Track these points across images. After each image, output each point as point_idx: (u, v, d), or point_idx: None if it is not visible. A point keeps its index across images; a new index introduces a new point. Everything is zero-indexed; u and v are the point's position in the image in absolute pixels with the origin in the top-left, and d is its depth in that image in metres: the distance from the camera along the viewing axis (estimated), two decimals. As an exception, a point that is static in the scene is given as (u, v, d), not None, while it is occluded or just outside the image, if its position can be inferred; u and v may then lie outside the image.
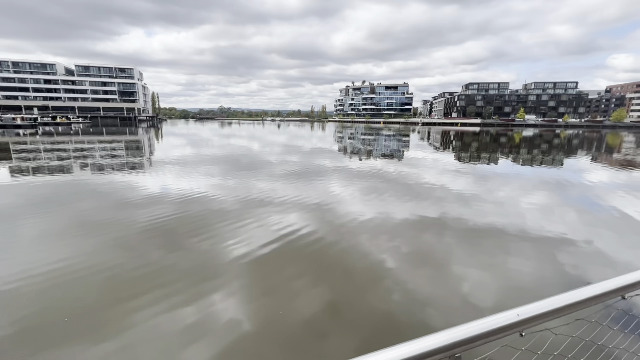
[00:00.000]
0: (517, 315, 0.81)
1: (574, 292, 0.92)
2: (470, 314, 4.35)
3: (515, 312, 0.82)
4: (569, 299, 0.90)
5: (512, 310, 0.84)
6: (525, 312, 0.83)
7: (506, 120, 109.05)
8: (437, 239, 6.91)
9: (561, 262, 5.87)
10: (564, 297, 0.89)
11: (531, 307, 0.85)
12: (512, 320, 0.81)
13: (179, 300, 4.49)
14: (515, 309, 0.84)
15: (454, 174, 14.74)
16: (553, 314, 0.86)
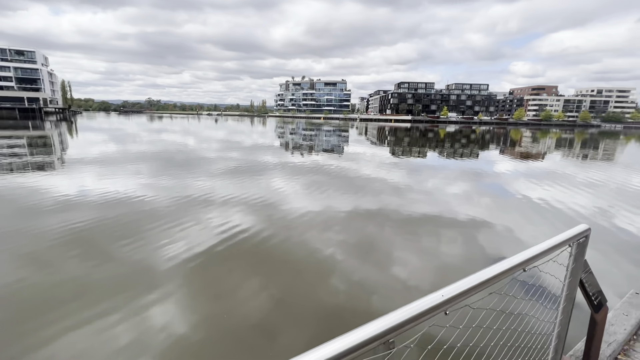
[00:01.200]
0: (442, 296, 0.89)
1: (487, 270, 1.04)
2: (410, 295, 4.78)
3: (440, 294, 0.89)
4: (484, 276, 1.01)
5: (437, 292, 0.91)
6: (448, 292, 0.90)
7: (433, 117, 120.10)
8: (378, 229, 7.37)
9: (480, 241, 6.76)
10: (479, 275, 1.01)
11: (453, 287, 0.93)
12: (438, 301, 0.87)
13: (110, 320, 4.05)
14: (440, 290, 0.91)
15: (390, 167, 15.80)
16: (471, 291, 0.95)
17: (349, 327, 0.71)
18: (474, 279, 0.98)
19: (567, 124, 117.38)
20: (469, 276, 1.00)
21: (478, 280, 0.98)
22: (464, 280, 0.96)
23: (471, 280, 0.97)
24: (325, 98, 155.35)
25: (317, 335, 3.92)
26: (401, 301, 3.62)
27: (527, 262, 1.09)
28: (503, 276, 1.03)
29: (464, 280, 0.96)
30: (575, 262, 1.29)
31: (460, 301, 0.93)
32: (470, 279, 0.97)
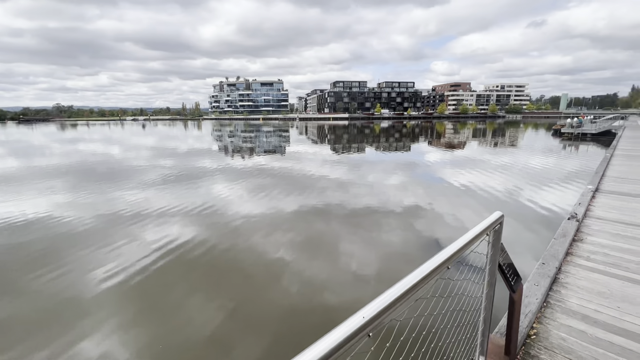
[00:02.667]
0: (363, 317, 0.76)
1: (409, 277, 0.94)
2: (360, 285, 4.99)
3: (361, 315, 0.77)
4: (407, 285, 0.91)
5: (357, 314, 0.78)
6: (369, 312, 0.78)
7: (368, 114, 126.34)
8: (325, 225, 7.53)
9: (418, 226, 7.35)
10: (401, 285, 0.91)
11: (374, 305, 0.81)
12: (360, 323, 0.75)
13: None
14: (360, 312, 0.79)
15: (332, 164, 16.22)
16: (395, 304, 0.84)
17: (306, 326, 0.72)
18: (396, 290, 0.88)
19: (480, 115, 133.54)
20: (390, 288, 0.89)
21: (401, 290, 0.88)
22: (385, 294, 0.86)
23: (393, 292, 0.87)
24: (262, 99, 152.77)
25: (276, 339, 3.87)
26: (352, 292, 3.74)
27: (450, 258, 1.10)
28: (428, 278, 0.99)
29: (385, 295, 0.85)
30: (493, 248, 1.48)
31: (384, 318, 0.82)
32: (392, 291, 0.87)
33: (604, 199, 5.62)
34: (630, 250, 3.55)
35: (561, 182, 11.57)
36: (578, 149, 22.68)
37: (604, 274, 3.08)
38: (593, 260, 3.35)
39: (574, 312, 2.51)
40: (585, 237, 3.94)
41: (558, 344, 2.16)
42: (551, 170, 14.10)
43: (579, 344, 2.17)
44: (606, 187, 6.48)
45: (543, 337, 2.23)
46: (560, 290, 2.81)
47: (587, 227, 4.27)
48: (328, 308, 4.40)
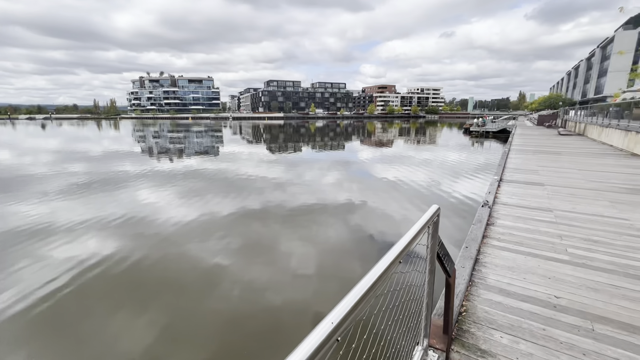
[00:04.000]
0: (332, 323, 0.74)
1: (369, 275, 0.95)
2: (303, 284, 5.00)
3: (329, 321, 0.75)
4: (368, 283, 0.91)
5: (325, 321, 0.75)
6: (337, 317, 0.76)
7: (303, 113, 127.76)
8: (264, 227, 7.38)
9: (355, 221, 7.68)
10: (363, 284, 0.91)
11: (341, 309, 0.79)
12: (329, 331, 0.72)
13: None
14: (328, 317, 0.76)
15: (269, 164, 15.98)
16: (360, 304, 0.84)
17: (250, 332, 0.68)
18: (358, 290, 0.88)
19: (404, 116, 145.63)
20: (352, 290, 0.89)
21: (362, 290, 0.89)
22: (349, 296, 0.85)
23: (356, 294, 0.86)
24: (191, 96, 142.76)
25: (218, 350, 3.66)
26: (293, 291, 3.72)
27: (401, 253, 1.17)
28: (385, 275, 1.02)
29: (349, 296, 0.84)
30: (432, 239, 1.62)
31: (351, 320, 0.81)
32: (354, 292, 0.87)
33: (506, 187, 6.63)
34: (527, 229, 4.25)
35: (474, 173, 13.29)
36: (483, 144, 26.33)
37: (511, 251, 3.63)
38: (503, 240, 3.93)
39: (493, 287, 2.90)
40: (496, 221, 4.58)
41: (483, 317, 2.47)
42: (465, 163, 16.10)
43: (498, 313, 2.51)
44: (507, 177, 7.64)
45: (471, 312, 2.53)
46: (481, 269, 3.22)
47: (496, 212, 4.98)
48: (272, 310, 4.33)
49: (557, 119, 31.76)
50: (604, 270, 3.15)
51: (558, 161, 9.94)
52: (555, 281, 2.97)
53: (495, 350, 2.10)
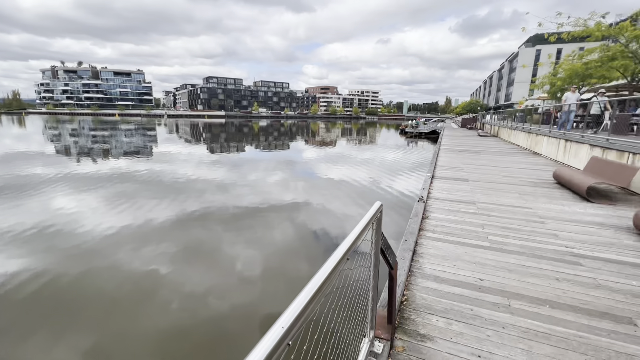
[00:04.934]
0: (282, 327, 0.72)
1: (318, 275, 0.94)
2: (247, 287, 4.86)
3: (280, 326, 0.73)
4: (317, 283, 0.90)
5: (275, 326, 0.73)
6: (287, 320, 0.74)
7: (246, 112, 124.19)
8: (206, 230, 6.99)
9: (300, 220, 7.72)
10: (312, 284, 0.90)
11: (291, 312, 0.77)
12: (280, 335, 0.70)
13: None
14: (278, 322, 0.74)
15: (211, 165, 15.19)
16: (310, 305, 0.83)
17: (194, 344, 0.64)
18: (308, 291, 0.87)
19: (346, 116, 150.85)
20: (305, 287, 0.88)
21: (312, 291, 0.88)
22: (299, 298, 0.83)
23: (305, 295, 0.85)
24: (118, 91, 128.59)
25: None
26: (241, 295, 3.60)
27: (348, 250, 1.20)
28: (333, 274, 1.03)
29: (299, 299, 0.83)
30: (376, 235, 1.70)
31: (302, 322, 0.80)
32: (304, 295, 0.85)
33: (438, 183, 7.28)
34: (455, 221, 4.73)
35: (411, 171, 14.34)
36: (417, 144, 28.58)
37: (443, 241, 4.00)
38: (436, 232, 4.30)
39: (429, 275, 3.16)
40: (430, 215, 5.01)
41: (421, 303, 2.68)
42: (403, 162, 17.28)
43: (434, 299, 2.75)
44: (438, 174, 8.40)
45: (411, 300, 2.72)
46: (419, 259, 3.49)
47: (430, 207, 5.44)
48: (218, 318, 4.13)
49: (477, 122, 35.93)
50: (516, 253, 3.65)
51: (478, 159, 11.24)
52: (479, 265, 3.35)
53: (432, 334, 2.29)
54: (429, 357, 2.06)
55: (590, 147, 8.58)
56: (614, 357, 2.08)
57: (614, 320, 2.46)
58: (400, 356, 2.06)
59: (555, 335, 2.29)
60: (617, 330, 2.34)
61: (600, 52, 14.12)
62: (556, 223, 4.65)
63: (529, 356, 2.08)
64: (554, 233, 4.26)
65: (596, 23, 12.24)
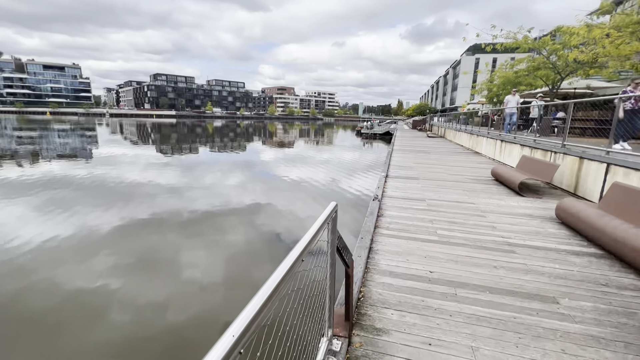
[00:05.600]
0: (233, 336, 0.69)
1: (272, 279, 0.92)
2: (206, 294, 4.65)
3: (230, 334, 0.70)
4: (270, 287, 0.88)
5: (225, 335, 0.70)
6: (238, 328, 0.71)
7: (199, 112, 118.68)
8: (159, 238, 6.56)
9: (260, 222, 7.58)
10: (265, 289, 0.88)
11: (242, 319, 0.74)
12: (230, 344, 0.67)
13: None
14: (229, 330, 0.71)
15: (161, 168, 14.26)
16: (262, 310, 0.81)
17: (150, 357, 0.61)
18: (259, 298, 0.84)
19: (304, 117, 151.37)
20: (258, 293, 0.86)
21: (264, 296, 0.86)
22: (249, 306, 0.81)
23: (257, 302, 0.82)
24: (49, 86, 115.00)
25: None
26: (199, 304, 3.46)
27: (303, 252, 1.19)
28: (288, 276, 1.02)
29: (249, 306, 0.80)
30: (332, 234, 1.73)
31: (254, 330, 0.78)
32: (255, 301, 0.83)
33: (391, 182, 7.62)
34: (408, 217, 5.00)
35: (367, 170, 14.81)
36: (372, 145, 29.64)
37: (397, 237, 4.20)
38: (390, 229, 4.50)
39: (384, 271, 3.29)
40: (384, 212, 5.22)
41: (377, 299, 2.79)
42: (359, 162, 17.79)
43: (389, 293, 2.87)
44: (392, 173, 8.80)
45: (368, 296, 2.82)
46: (374, 256, 3.62)
47: (385, 205, 5.67)
48: (175, 329, 3.89)
49: (426, 124, 38.27)
50: (461, 245, 3.95)
51: (428, 159, 11.98)
52: (429, 259, 3.57)
53: (387, 327, 2.39)
54: (384, 350, 2.15)
55: (521, 147, 9.60)
56: (542, 333, 2.35)
57: (542, 300, 2.78)
58: (357, 352, 2.12)
59: (494, 318, 2.52)
60: (544, 309, 2.65)
61: (527, 62, 15.90)
62: (494, 216, 5.13)
63: (472, 339, 2.27)
64: (493, 225, 4.69)
65: (524, 36, 13.74)
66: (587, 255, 3.72)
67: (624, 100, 6.65)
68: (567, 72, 13.78)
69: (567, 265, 3.45)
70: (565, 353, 2.15)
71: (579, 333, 2.36)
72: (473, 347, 2.19)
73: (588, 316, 2.56)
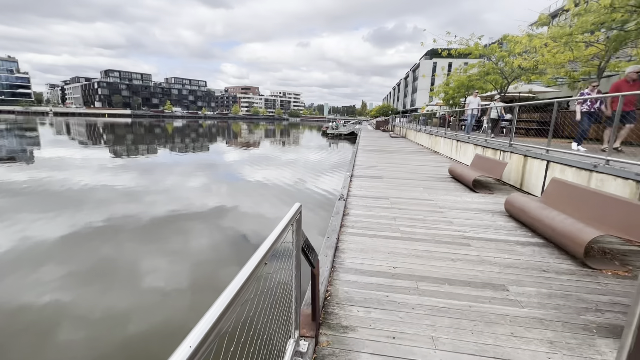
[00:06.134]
0: (190, 347, 0.66)
1: (232, 285, 0.88)
2: (171, 302, 4.43)
3: (187, 345, 0.67)
4: (231, 294, 0.85)
5: (182, 347, 0.67)
6: (196, 338, 0.69)
7: (157, 111, 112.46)
8: (114, 245, 6.12)
9: (226, 225, 7.37)
10: (225, 296, 0.85)
11: (200, 328, 0.71)
12: (187, 356, 0.64)
13: None
14: (185, 341, 0.68)
15: (116, 171, 13.31)
16: (222, 318, 0.77)
17: None
18: (220, 305, 0.81)
19: (269, 118, 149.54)
20: (217, 300, 0.83)
21: (225, 303, 0.83)
22: (208, 314, 0.78)
23: (218, 308, 0.80)
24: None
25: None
26: (163, 313, 3.30)
27: (266, 255, 1.16)
28: (250, 281, 0.99)
29: (208, 315, 0.77)
30: (296, 236, 1.73)
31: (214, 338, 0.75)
32: (215, 308, 0.80)
33: (356, 181, 7.79)
34: (371, 215, 5.14)
35: (334, 170, 14.98)
36: (338, 145, 30.07)
37: (362, 235, 4.30)
38: (355, 227, 4.61)
39: (350, 269, 3.36)
40: (350, 211, 5.33)
41: (343, 297, 2.84)
42: (326, 162, 17.95)
43: (355, 291, 2.94)
44: (357, 172, 8.99)
45: (334, 295, 2.86)
46: (340, 255, 3.68)
47: (350, 204, 5.79)
48: (136, 342, 3.66)
49: (389, 124, 39.59)
50: (422, 240, 4.15)
51: (391, 158, 12.41)
52: (393, 255, 3.70)
53: (354, 324, 2.44)
54: (351, 347, 2.20)
55: (474, 146, 10.28)
56: (494, 319, 2.54)
57: (493, 288, 3.01)
58: (324, 351, 2.15)
59: (452, 308, 2.68)
60: (495, 296, 2.87)
61: (479, 67, 17.09)
62: (452, 212, 5.44)
63: (433, 330, 2.39)
64: (450, 220, 4.98)
65: (475, 43, 14.74)
66: (531, 245, 4.08)
67: (582, 102, 7.01)
68: (513, 77, 15.00)
69: (514, 255, 3.77)
70: (514, 336, 2.35)
71: (525, 317, 2.58)
72: (433, 337, 2.31)
73: (533, 300, 2.82)
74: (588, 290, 3.03)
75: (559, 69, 12.37)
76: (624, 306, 2.76)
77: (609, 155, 5.06)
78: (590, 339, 2.34)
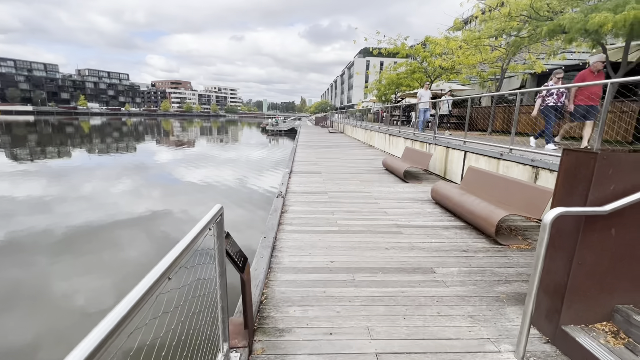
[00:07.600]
0: None
1: (122, 305, 0.79)
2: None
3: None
4: (121, 313, 0.76)
5: None
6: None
7: (68, 108, 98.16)
8: (22, 265, 5.11)
9: (158, 233, 6.70)
10: (114, 315, 0.75)
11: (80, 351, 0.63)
12: None
13: None
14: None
15: (17, 177, 11.20)
16: (105, 343, 0.68)
17: None
18: (108, 323, 0.72)
19: (204, 114, 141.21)
20: (99, 324, 0.72)
21: (114, 322, 0.73)
22: (92, 334, 0.69)
23: (103, 329, 0.70)
24: None
25: None
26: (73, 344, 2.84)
27: (169, 268, 1.00)
28: (148, 296, 0.86)
29: (91, 336, 0.68)
30: (218, 240, 1.58)
31: None
32: (100, 329, 0.70)
33: (295, 177, 7.74)
34: (311, 211, 5.14)
35: (272, 168, 14.71)
36: (278, 141, 29.73)
37: (300, 232, 4.26)
38: (294, 224, 4.54)
39: (287, 268, 3.28)
40: (288, 208, 5.24)
41: (280, 298, 2.75)
42: (266, 159, 17.55)
43: (292, 290, 2.87)
44: (296, 168, 8.94)
45: (270, 297, 2.75)
46: (278, 254, 3.58)
47: (288, 201, 5.70)
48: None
49: (328, 120, 40.41)
50: (359, 232, 4.26)
51: (329, 153, 12.64)
52: (330, 249, 3.72)
53: (290, 325, 2.37)
54: (287, 350, 2.12)
55: (405, 140, 11.01)
56: (423, 301, 2.70)
57: (422, 272, 3.21)
58: (259, 359, 2.03)
59: (386, 296, 2.78)
60: (424, 280, 3.06)
61: (406, 66, 18.34)
62: (386, 202, 5.72)
63: (368, 320, 2.44)
64: (385, 210, 5.22)
65: (402, 43, 15.76)
66: (454, 228, 4.48)
67: (547, 95, 6.33)
68: (435, 75, 16.42)
69: (440, 239, 4.09)
70: (440, 315, 2.52)
71: (449, 295, 2.80)
72: (369, 328, 2.35)
73: (455, 279, 3.07)
74: (499, 264, 3.42)
75: (471, 69, 13.88)
76: (527, 276, 3.18)
77: (512, 144, 5.81)
78: (502, 308, 2.63)
